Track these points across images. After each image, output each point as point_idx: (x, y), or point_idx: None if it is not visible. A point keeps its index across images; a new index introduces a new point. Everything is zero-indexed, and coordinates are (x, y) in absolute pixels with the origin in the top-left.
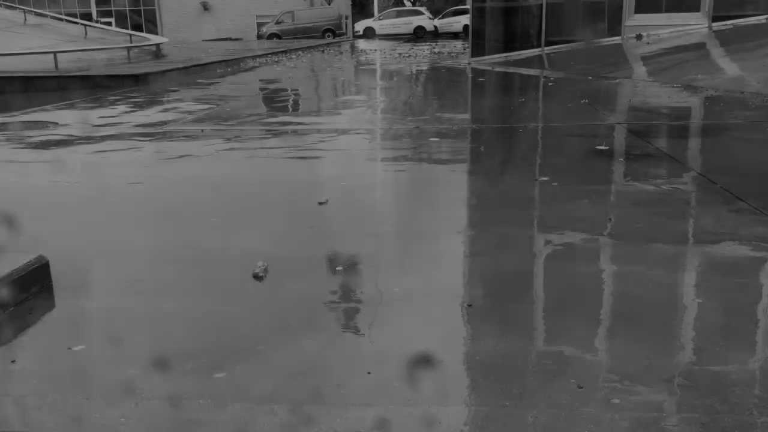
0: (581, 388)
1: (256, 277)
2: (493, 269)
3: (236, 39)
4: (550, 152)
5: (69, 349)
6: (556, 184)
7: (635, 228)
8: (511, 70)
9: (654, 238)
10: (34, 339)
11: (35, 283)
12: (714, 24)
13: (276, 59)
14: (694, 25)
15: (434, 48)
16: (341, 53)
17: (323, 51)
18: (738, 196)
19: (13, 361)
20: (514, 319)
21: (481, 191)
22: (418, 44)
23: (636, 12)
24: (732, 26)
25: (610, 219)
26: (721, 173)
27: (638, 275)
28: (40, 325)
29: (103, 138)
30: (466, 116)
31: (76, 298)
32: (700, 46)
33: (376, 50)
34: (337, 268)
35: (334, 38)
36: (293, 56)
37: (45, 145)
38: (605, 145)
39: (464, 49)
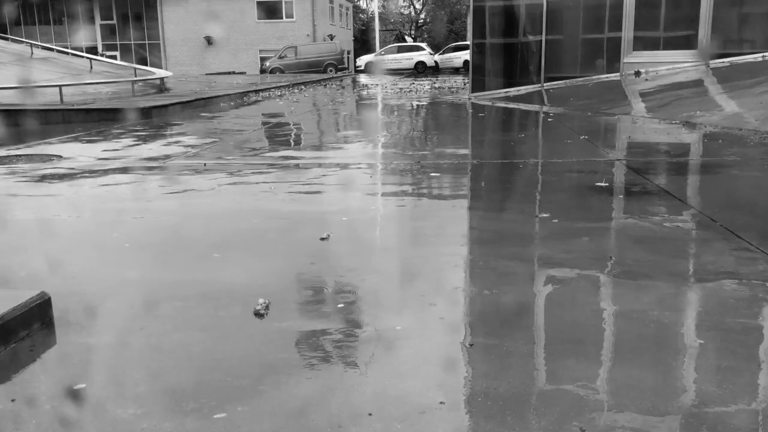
0: (584, 431)
1: (258, 314)
2: (494, 307)
3: (239, 73)
4: (550, 188)
5: (70, 387)
6: (556, 220)
7: (636, 266)
8: (511, 105)
9: (655, 277)
10: (34, 377)
11: (37, 320)
12: (711, 62)
13: (278, 93)
14: (691, 63)
15: (435, 83)
16: (343, 87)
17: (325, 85)
18: (738, 234)
19: (13, 400)
20: (516, 358)
21: (481, 227)
22: (418, 79)
23: (634, 49)
24: (729, 64)
25: (610, 257)
26: (720, 211)
27: (639, 314)
28: (40, 362)
29: (106, 172)
30: (467, 151)
31: (77, 335)
32: (698, 83)
33: (377, 85)
34: (339, 306)
35: (336, 73)
36: (295, 90)
37: (48, 178)
38: (605, 182)
39: (464, 85)
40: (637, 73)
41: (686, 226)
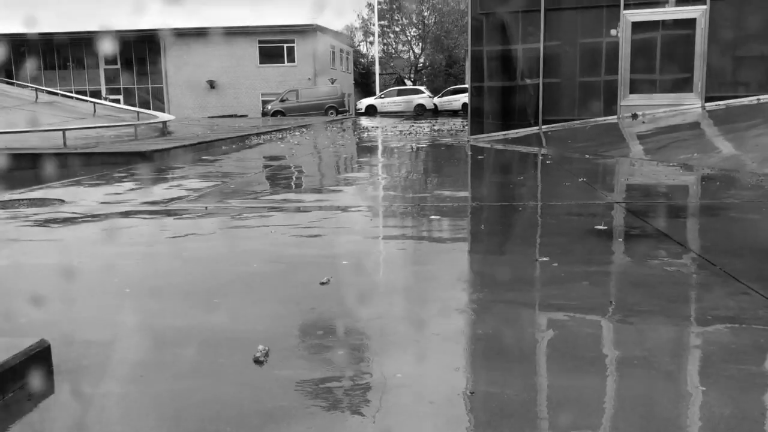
0: None
1: (257, 361)
2: (495, 353)
3: (241, 116)
4: (549, 231)
5: None
6: (556, 264)
7: (636, 311)
8: (510, 147)
9: (655, 322)
10: (32, 427)
11: (36, 368)
12: (707, 104)
13: (280, 136)
14: (688, 106)
15: (434, 125)
16: (344, 130)
17: (326, 128)
18: (737, 278)
19: None
20: (517, 408)
21: (481, 272)
22: (418, 122)
23: (631, 92)
24: (725, 107)
25: (611, 302)
26: (719, 254)
27: (640, 360)
28: (37, 412)
29: (108, 216)
30: (466, 194)
31: (77, 384)
32: (695, 126)
33: (377, 127)
34: (339, 353)
35: (337, 115)
36: (296, 133)
37: (49, 223)
38: (604, 225)
39: (463, 127)
40: (634, 116)
41: (686, 270)
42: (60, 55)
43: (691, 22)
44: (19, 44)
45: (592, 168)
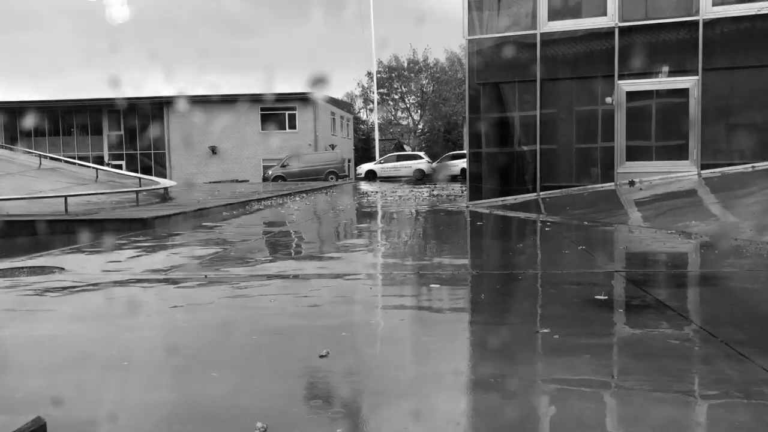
0: None
1: None
2: (496, 429)
3: (242, 181)
4: (549, 301)
5: None
6: (557, 336)
7: (638, 385)
8: (509, 214)
9: (658, 398)
10: None
11: None
12: (703, 171)
13: (280, 201)
14: (684, 173)
15: (433, 190)
16: (344, 195)
17: (326, 193)
18: (739, 351)
19: None
20: None
21: (482, 343)
22: (417, 186)
23: (627, 159)
24: (720, 174)
25: (612, 375)
26: (721, 326)
27: None
28: None
29: (107, 285)
30: (466, 261)
31: None
32: (692, 193)
33: (377, 192)
34: (338, 431)
35: (337, 180)
36: (297, 198)
37: (48, 292)
38: (604, 295)
39: (462, 192)
40: (632, 183)
41: (687, 343)
42: (64, 121)
43: (684, 92)
44: (25, 111)
45: (591, 235)
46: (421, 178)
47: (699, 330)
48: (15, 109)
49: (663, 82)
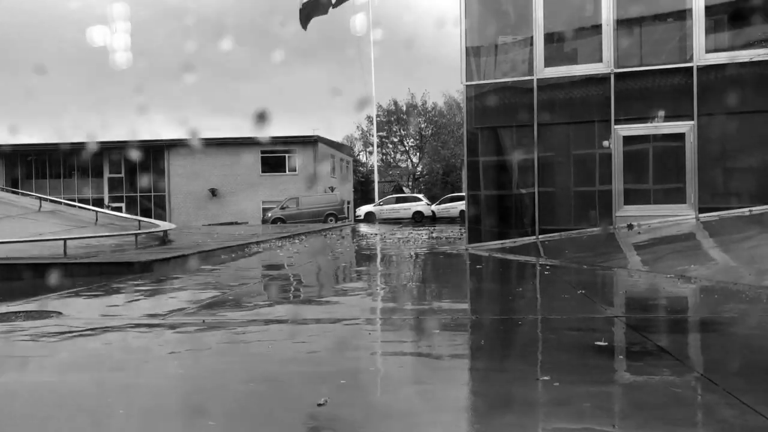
0: None
1: None
2: None
3: (242, 223)
4: (550, 347)
5: None
6: (557, 384)
7: None
8: (508, 257)
9: None
10: None
11: None
12: (701, 215)
13: (279, 244)
14: (682, 216)
15: (432, 233)
16: (343, 237)
17: (325, 235)
18: (741, 400)
19: None
20: None
21: (482, 391)
22: (416, 228)
23: (625, 203)
24: (718, 218)
25: (614, 425)
26: (722, 373)
27: None
28: None
29: (105, 330)
30: (466, 306)
31: None
32: (690, 237)
33: (376, 234)
34: None
35: (336, 222)
36: (296, 241)
37: (45, 337)
38: (604, 341)
39: (461, 235)
40: (630, 226)
41: (688, 391)
42: (65, 164)
43: (680, 136)
44: (26, 154)
45: (590, 279)
46: (420, 220)
47: (700, 377)
48: (17, 152)
49: (659, 126)
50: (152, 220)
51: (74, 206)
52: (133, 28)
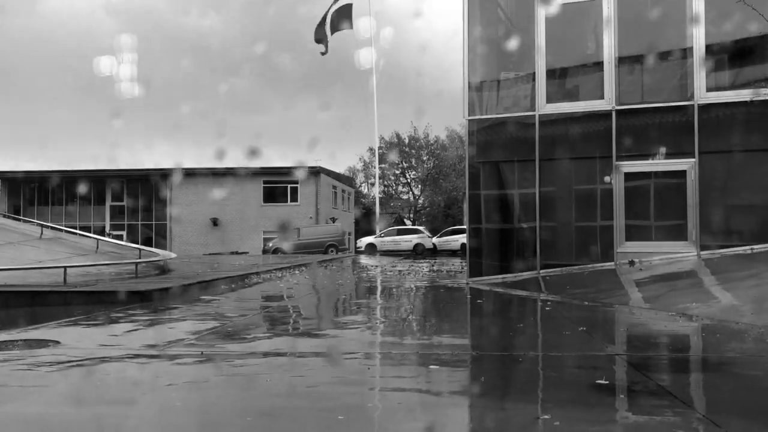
0: None
1: None
2: None
3: (242, 253)
4: (550, 385)
5: None
6: (557, 422)
7: None
8: (509, 292)
9: None
10: None
11: None
12: (702, 252)
13: (279, 275)
14: (683, 254)
15: (433, 266)
16: (343, 269)
17: (326, 266)
18: None
19: None
20: None
21: (481, 430)
22: (417, 261)
23: (627, 239)
24: (719, 256)
25: None
26: (724, 415)
27: None
28: None
29: (102, 360)
30: (466, 341)
31: None
32: (692, 274)
33: (376, 266)
34: None
35: (337, 253)
36: (296, 272)
37: (42, 367)
38: (605, 379)
39: (462, 268)
40: (631, 263)
41: None
42: (67, 191)
43: (681, 173)
44: (29, 181)
45: (591, 316)
46: (421, 252)
47: (702, 419)
48: (18, 179)
49: (660, 163)
50: (153, 249)
51: (75, 234)
52: (139, 58)
